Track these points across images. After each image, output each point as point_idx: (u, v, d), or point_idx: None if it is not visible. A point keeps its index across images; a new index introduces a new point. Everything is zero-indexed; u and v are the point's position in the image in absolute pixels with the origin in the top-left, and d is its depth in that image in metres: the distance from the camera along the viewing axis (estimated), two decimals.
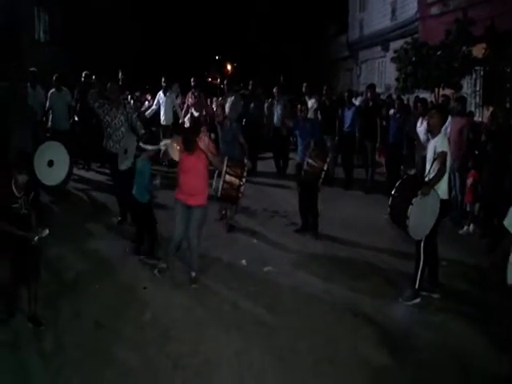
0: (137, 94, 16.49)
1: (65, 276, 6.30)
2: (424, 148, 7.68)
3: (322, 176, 7.44)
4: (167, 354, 4.65)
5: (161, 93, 13.04)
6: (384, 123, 10.69)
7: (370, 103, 11.13)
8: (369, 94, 11.36)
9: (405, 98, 14.99)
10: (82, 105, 11.85)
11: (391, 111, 14.46)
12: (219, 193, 6.85)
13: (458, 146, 8.27)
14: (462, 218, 8.55)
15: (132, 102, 14.22)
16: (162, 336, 4.96)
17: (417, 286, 5.85)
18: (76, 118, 12.13)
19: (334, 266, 6.80)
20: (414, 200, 5.39)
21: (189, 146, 5.95)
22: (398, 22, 19.07)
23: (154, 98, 13.91)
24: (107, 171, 10.58)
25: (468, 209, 8.49)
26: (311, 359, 4.62)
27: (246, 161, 7.33)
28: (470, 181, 8.27)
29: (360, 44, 23.73)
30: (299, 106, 8.53)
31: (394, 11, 19.52)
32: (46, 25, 21.88)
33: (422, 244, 5.80)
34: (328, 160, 7.63)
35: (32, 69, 11.43)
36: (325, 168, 7.43)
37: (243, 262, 6.88)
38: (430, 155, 5.95)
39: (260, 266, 6.75)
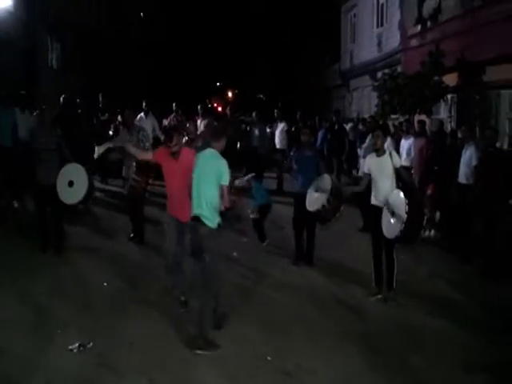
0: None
1: None
2: None
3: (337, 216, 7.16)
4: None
5: (142, 115, 13.43)
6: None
7: (336, 126, 12.73)
8: (334, 118, 12.99)
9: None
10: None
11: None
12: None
13: (419, 162, 9.66)
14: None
15: None
16: None
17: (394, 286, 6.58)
18: None
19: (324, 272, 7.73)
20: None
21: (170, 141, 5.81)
22: (383, 53, 20.57)
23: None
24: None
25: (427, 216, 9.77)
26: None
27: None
28: (429, 192, 9.62)
29: (351, 73, 25.26)
30: (302, 131, 8.24)
31: (379, 43, 21.07)
32: (58, 52, 23.41)
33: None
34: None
35: (22, 92, 12.20)
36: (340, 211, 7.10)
37: (234, 254, 8.06)
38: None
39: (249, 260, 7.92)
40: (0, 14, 17.13)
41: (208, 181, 5.41)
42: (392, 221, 6.22)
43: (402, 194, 6.20)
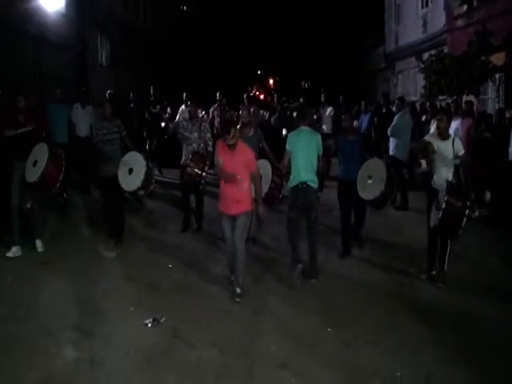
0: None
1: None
2: None
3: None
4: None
5: (183, 106, 13.95)
6: None
7: (384, 109, 12.69)
8: (382, 102, 12.95)
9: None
10: None
11: (423, 117, 15.93)
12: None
13: (466, 142, 9.72)
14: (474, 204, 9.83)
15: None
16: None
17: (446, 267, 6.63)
18: None
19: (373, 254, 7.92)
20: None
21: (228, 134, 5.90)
22: (428, 34, 20.44)
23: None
24: None
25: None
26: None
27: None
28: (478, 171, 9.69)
29: (396, 55, 25.14)
30: (342, 117, 8.37)
31: (425, 24, 20.92)
32: (107, 50, 24.20)
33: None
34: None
35: (82, 88, 12.70)
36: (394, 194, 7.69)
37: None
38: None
39: None
40: (53, 16, 17.88)
41: (312, 151, 6.71)
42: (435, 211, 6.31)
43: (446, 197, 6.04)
